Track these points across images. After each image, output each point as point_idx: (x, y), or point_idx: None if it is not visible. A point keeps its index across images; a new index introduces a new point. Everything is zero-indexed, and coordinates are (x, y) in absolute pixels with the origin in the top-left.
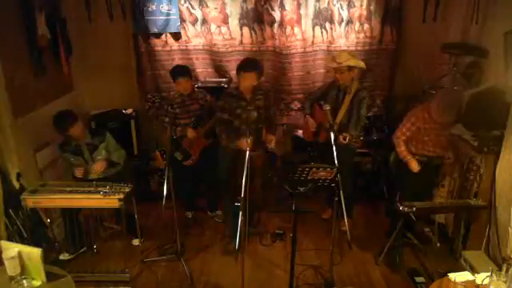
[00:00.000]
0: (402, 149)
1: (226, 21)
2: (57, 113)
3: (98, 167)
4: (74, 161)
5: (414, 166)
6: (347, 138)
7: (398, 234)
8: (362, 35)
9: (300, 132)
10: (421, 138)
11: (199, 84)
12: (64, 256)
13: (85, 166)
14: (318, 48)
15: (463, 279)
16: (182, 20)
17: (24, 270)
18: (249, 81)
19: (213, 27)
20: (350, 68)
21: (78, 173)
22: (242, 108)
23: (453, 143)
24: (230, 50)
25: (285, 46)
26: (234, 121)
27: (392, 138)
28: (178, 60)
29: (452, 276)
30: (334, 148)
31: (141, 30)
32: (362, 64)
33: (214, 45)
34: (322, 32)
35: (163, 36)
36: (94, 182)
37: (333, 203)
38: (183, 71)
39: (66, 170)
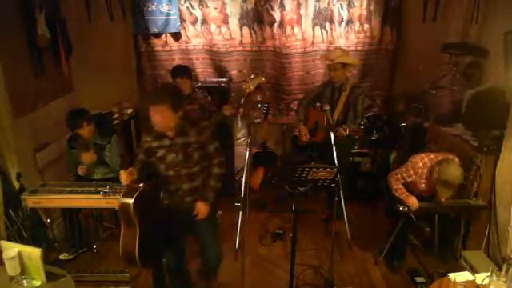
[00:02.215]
0: (399, 186)
1: (226, 21)
2: (72, 110)
3: (87, 157)
4: (80, 158)
5: (413, 203)
6: (348, 130)
7: (397, 234)
8: (361, 35)
9: None
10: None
11: (199, 84)
12: (64, 256)
13: (88, 165)
14: (317, 48)
15: (463, 279)
16: (182, 20)
17: (24, 270)
18: (157, 117)
19: (213, 27)
20: (343, 65)
21: (81, 171)
22: (165, 148)
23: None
24: (230, 49)
25: (285, 46)
26: (158, 165)
27: (387, 178)
28: (178, 60)
29: (452, 276)
30: (334, 148)
31: (141, 30)
32: (355, 61)
33: (214, 45)
34: (322, 32)
35: (163, 36)
36: (94, 182)
37: (333, 203)
38: (183, 71)
39: (68, 165)
